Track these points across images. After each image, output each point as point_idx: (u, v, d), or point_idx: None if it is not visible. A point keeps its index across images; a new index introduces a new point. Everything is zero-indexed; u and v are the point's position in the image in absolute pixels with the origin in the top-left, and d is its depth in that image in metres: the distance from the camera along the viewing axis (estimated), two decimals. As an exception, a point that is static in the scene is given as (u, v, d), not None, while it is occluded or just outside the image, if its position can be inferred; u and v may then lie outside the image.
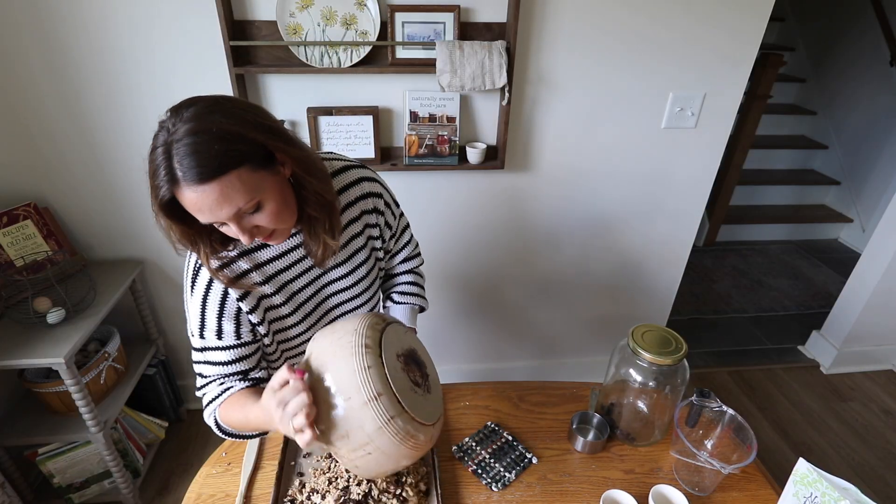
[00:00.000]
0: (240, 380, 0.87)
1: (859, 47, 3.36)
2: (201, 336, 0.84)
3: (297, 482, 0.90)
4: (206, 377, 0.87)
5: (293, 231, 0.85)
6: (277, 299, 0.87)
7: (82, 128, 1.50)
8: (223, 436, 0.88)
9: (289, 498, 0.87)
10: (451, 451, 0.98)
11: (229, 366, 0.85)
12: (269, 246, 0.84)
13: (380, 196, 0.93)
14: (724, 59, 1.60)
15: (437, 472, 0.91)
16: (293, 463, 0.94)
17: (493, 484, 0.92)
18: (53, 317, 1.39)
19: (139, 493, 1.69)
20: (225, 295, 0.81)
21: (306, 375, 0.69)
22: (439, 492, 0.88)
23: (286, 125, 1.55)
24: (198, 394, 0.89)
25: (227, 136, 0.64)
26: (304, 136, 1.57)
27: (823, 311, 2.54)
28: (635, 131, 1.70)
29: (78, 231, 1.66)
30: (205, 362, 0.85)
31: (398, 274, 1.12)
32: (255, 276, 0.84)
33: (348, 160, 0.93)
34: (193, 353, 0.86)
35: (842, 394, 2.25)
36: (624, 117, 1.67)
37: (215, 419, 0.86)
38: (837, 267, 3.24)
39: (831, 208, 3.64)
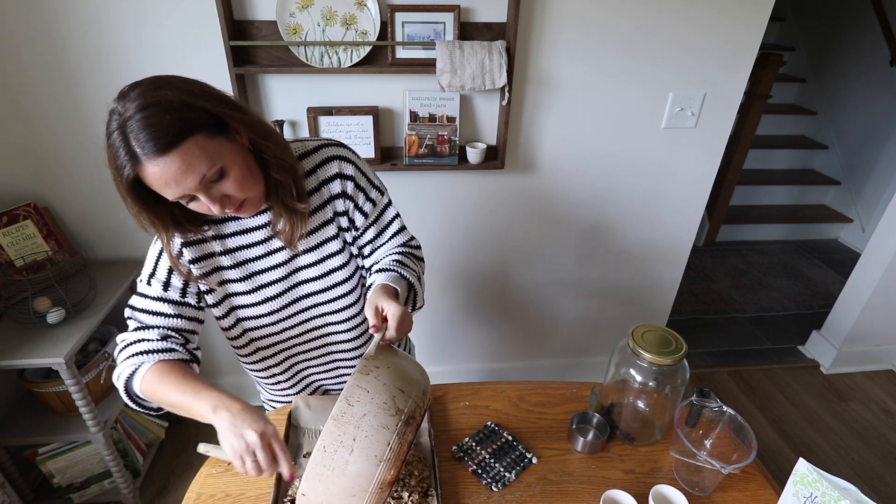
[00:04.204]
0: (181, 344, 0.84)
1: (859, 47, 3.36)
2: (148, 283, 0.84)
3: (297, 482, 0.90)
4: (145, 325, 0.84)
5: (263, 208, 0.85)
6: (234, 274, 0.88)
7: (82, 128, 1.50)
8: (125, 394, 0.83)
9: (289, 498, 0.87)
10: (451, 451, 0.98)
11: (171, 319, 0.84)
12: (234, 220, 0.86)
13: (350, 178, 0.89)
14: (724, 59, 1.60)
15: (437, 473, 0.91)
16: (293, 463, 0.94)
17: (493, 484, 0.92)
18: (53, 317, 1.39)
19: (139, 493, 1.69)
20: (180, 253, 0.83)
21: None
22: (439, 492, 0.88)
23: (286, 125, 1.55)
24: (124, 336, 0.84)
25: (175, 105, 0.65)
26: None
27: (823, 311, 2.54)
28: (635, 131, 1.70)
29: (78, 231, 1.66)
30: (143, 310, 0.84)
31: (384, 257, 0.97)
32: (215, 246, 0.85)
33: (324, 139, 0.90)
34: (134, 298, 0.85)
35: (842, 394, 2.25)
36: (624, 117, 1.67)
37: (133, 371, 0.81)
38: (837, 267, 3.24)
39: (831, 208, 3.64)
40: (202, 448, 0.78)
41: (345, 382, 1.12)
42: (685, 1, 1.50)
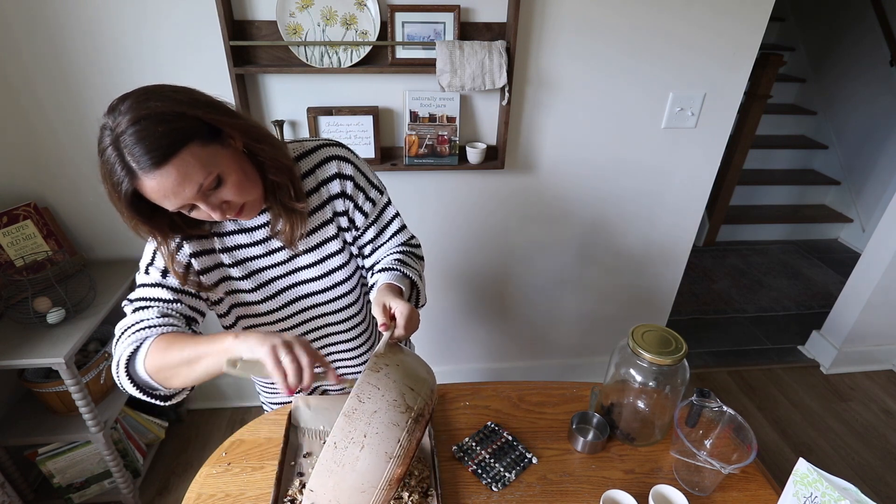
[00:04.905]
0: (185, 323, 0.83)
1: (859, 47, 3.36)
2: (146, 272, 0.84)
3: (297, 482, 0.90)
4: (143, 307, 0.82)
5: (263, 208, 0.85)
6: (235, 272, 0.88)
7: (82, 128, 1.50)
8: (126, 378, 0.78)
9: (289, 498, 0.87)
10: (451, 451, 0.98)
11: (171, 304, 0.83)
12: (232, 221, 0.86)
13: (349, 178, 0.88)
14: (725, 59, 1.60)
15: (437, 473, 0.91)
16: (293, 463, 0.94)
17: (493, 484, 0.92)
18: (53, 317, 1.39)
19: (139, 493, 1.69)
20: (179, 245, 0.83)
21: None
22: (439, 492, 0.88)
23: (286, 125, 1.55)
24: (122, 323, 0.82)
25: (166, 116, 0.65)
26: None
27: (823, 311, 2.54)
28: (635, 131, 1.70)
29: (78, 231, 1.66)
30: (141, 298, 0.83)
31: (385, 256, 0.98)
32: (216, 243, 0.86)
33: (323, 140, 0.90)
34: (136, 289, 0.84)
35: (842, 394, 2.25)
36: (624, 117, 1.67)
37: (135, 349, 0.77)
38: (837, 267, 3.24)
39: (831, 208, 3.64)
40: (228, 364, 0.70)
41: None
42: (685, 1, 1.50)
